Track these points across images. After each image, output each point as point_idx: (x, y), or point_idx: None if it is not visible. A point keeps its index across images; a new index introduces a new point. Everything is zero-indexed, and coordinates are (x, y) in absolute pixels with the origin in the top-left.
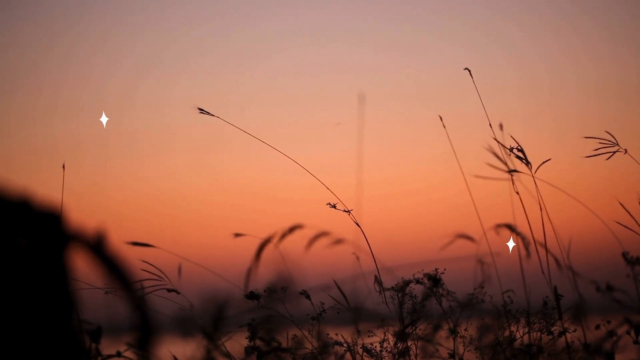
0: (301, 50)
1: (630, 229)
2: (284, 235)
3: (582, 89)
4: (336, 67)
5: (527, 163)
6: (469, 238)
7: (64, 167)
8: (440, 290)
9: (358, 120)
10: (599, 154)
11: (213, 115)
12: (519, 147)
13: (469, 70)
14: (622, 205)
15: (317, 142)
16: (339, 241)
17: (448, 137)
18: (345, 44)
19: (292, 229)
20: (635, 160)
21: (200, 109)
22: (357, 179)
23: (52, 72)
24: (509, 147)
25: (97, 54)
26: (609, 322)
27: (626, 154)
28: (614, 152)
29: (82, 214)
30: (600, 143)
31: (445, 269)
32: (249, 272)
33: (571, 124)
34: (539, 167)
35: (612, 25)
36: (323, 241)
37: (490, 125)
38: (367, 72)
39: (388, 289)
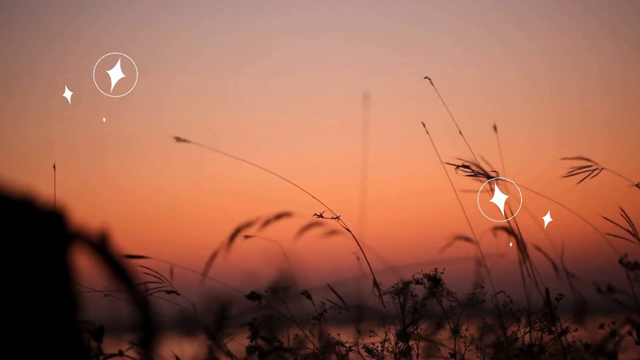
0: (304, 47)
1: (624, 238)
2: (268, 222)
3: (584, 90)
4: (340, 65)
5: (487, 176)
6: (467, 239)
7: (54, 167)
8: (440, 291)
9: (362, 119)
10: (574, 174)
11: (190, 142)
12: (476, 164)
13: (430, 79)
14: (606, 219)
15: (320, 142)
16: (332, 232)
17: (432, 143)
18: (349, 42)
19: (279, 216)
20: (617, 174)
21: (177, 138)
22: (361, 180)
23: (47, 70)
24: (460, 164)
25: (94, 52)
26: (613, 322)
27: (602, 171)
28: (589, 174)
29: (76, 213)
30: (571, 168)
31: (444, 269)
32: (214, 255)
33: (573, 126)
34: (497, 179)
35: (615, 25)
36: (316, 231)
37: (460, 132)
38: (371, 71)
39: (387, 292)
